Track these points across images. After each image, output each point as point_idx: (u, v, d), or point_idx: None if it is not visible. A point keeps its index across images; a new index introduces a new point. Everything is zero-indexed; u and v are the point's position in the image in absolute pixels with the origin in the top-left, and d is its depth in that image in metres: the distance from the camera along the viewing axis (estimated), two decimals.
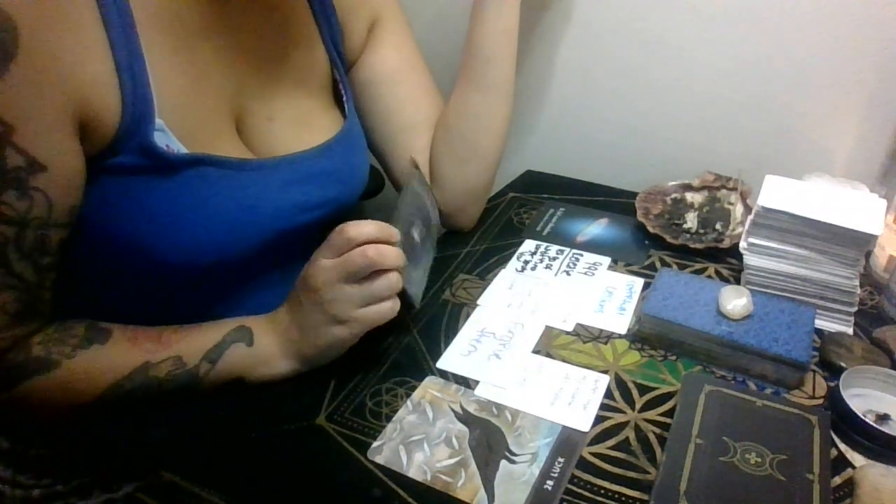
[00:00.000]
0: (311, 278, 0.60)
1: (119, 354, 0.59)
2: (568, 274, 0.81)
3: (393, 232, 0.62)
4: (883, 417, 0.61)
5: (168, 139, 0.57)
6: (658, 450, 0.58)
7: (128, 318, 0.62)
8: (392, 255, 0.60)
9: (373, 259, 0.59)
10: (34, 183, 0.51)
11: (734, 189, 0.90)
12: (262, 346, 0.63)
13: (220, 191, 0.61)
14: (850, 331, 0.72)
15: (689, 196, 0.93)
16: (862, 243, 0.68)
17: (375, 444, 0.58)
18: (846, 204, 0.71)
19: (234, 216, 0.62)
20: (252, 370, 0.63)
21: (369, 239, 0.60)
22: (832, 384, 0.65)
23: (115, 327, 0.60)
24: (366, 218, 0.61)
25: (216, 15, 0.61)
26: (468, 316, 0.73)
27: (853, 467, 0.56)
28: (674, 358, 0.68)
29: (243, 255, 0.64)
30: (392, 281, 0.61)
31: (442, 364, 0.67)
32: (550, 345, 0.70)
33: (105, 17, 0.52)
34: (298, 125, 0.70)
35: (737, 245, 0.77)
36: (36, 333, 0.58)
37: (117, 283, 0.63)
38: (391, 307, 0.61)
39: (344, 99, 0.75)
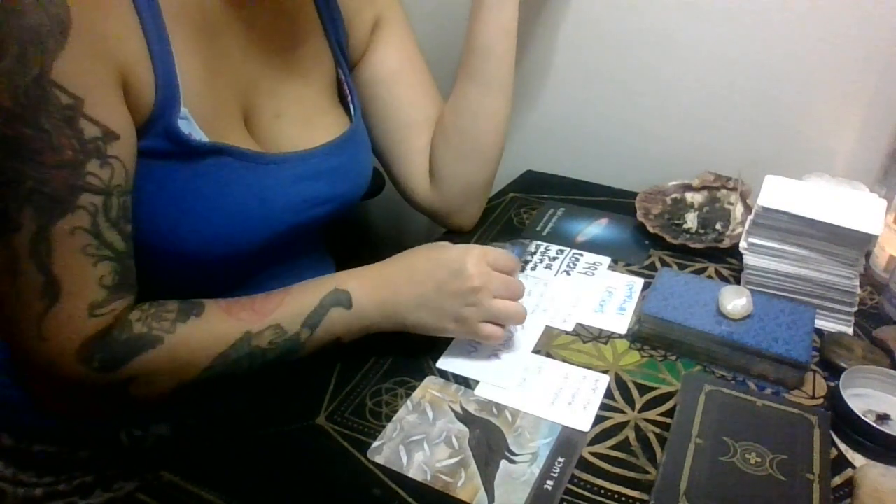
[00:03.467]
0: (477, 277, 0.63)
1: (217, 326, 0.59)
2: (568, 274, 0.81)
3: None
4: (883, 417, 0.61)
5: (191, 127, 0.58)
6: (658, 450, 0.58)
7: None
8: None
9: (522, 292, 0.66)
10: (111, 151, 0.53)
11: (734, 189, 0.90)
12: (361, 308, 0.64)
13: (238, 181, 0.62)
14: (850, 331, 0.72)
15: (689, 196, 0.93)
16: (862, 243, 0.68)
17: (375, 443, 0.58)
18: (846, 204, 0.71)
19: (249, 207, 0.63)
20: (350, 330, 0.64)
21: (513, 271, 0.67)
22: (832, 384, 0.65)
23: (205, 301, 0.61)
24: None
25: (233, 11, 0.62)
26: None
27: (853, 467, 0.56)
28: (674, 358, 0.68)
29: (253, 247, 0.65)
30: (520, 311, 0.65)
31: (442, 364, 0.67)
32: (550, 345, 0.70)
33: (136, 3, 0.54)
34: (304, 123, 0.71)
35: (737, 245, 0.77)
36: (131, 309, 0.58)
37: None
38: (501, 335, 0.64)
39: (349, 98, 0.76)
